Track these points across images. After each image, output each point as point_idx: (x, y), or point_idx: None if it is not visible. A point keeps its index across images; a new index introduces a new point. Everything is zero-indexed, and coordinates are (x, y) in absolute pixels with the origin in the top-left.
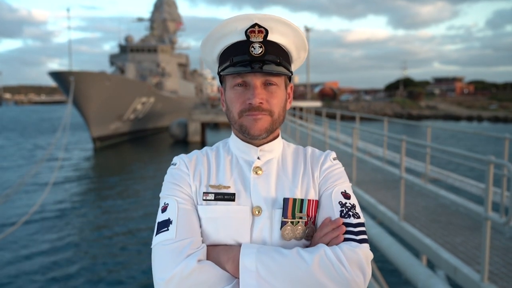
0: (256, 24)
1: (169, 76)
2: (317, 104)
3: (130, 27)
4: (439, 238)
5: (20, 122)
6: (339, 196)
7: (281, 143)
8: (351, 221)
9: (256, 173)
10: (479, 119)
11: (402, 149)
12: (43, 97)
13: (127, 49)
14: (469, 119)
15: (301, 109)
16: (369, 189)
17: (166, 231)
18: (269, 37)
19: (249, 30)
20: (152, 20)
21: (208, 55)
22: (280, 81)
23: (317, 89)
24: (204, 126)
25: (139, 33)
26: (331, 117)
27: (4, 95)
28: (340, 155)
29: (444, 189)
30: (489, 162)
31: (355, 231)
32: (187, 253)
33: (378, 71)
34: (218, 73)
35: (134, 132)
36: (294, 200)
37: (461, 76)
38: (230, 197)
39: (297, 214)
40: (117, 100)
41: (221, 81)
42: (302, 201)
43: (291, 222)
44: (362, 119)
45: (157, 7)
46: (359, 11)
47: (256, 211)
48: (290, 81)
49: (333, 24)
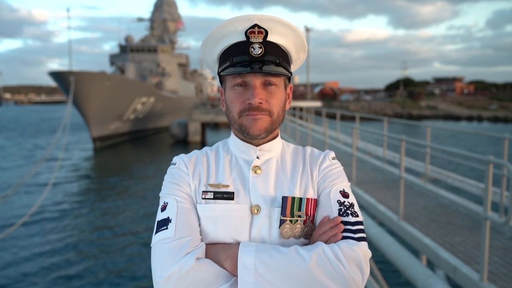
0: (256, 25)
1: (169, 76)
2: (317, 104)
3: (130, 27)
4: (438, 238)
5: (20, 122)
6: (337, 195)
7: (280, 142)
8: (349, 219)
9: (255, 172)
10: (479, 119)
11: (401, 149)
12: (43, 97)
13: (127, 49)
14: (469, 119)
15: (301, 109)
16: (369, 189)
17: (165, 229)
18: (269, 38)
19: (249, 31)
20: (152, 20)
21: (208, 55)
22: (279, 81)
23: (317, 89)
24: (204, 126)
25: (139, 33)
26: (331, 117)
27: (4, 95)
28: (340, 155)
29: (443, 189)
30: (488, 162)
31: (353, 229)
32: (185, 251)
33: (378, 71)
34: (218, 73)
35: (134, 132)
36: (293, 199)
37: (461, 76)
38: (229, 196)
39: (295, 213)
40: (117, 100)
41: (221, 81)
42: (300, 199)
43: (290, 221)
44: (362, 119)
45: (157, 7)
46: (359, 11)
47: (255, 210)
48: (289, 81)
49: (333, 24)
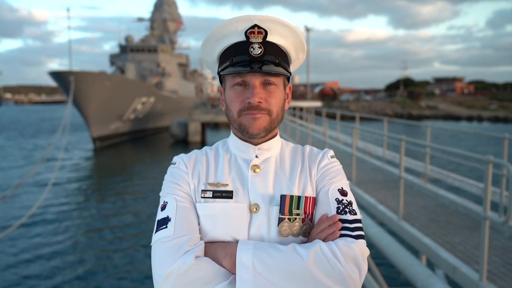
0: (255, 25)
1: (169, 76)
2: (317, 104)
3: (130, 27)
4: (438, 238)
5: (20, 122)
6: (336, 193)
7: (279, 141)
8: (347, 217)
9: (254, 171)
10: (479, 119)
11: (401, 149)
12: (43, 97)
13: (127, 49)
14: (469, 119)
15: (301, 109)
16: (369, 189)
17: (165, 228)
18: (268, 38)
19: (248, 31)
20: (152, 20)
21: (208, 55)
22: (278, 81)
23: (317, 89)
24: (204, 126)
25: (139, 33)
26: (331, 117)
27: (4, 95)
28: (340, 155)
29: (443, 189)
30: (487, 161)
31: (351, 227)
32: (185, 249)
33: (378, 71)
34: (218, 73)
35: (134, 132)
36: (291, 197)
37: (461, 76)
38: (228, 194)
39: (294, 211)
40: (117, 100)
41: (221, 81)
42: (299, 198)
43: (288, 219)
44: (362, 119)
45: (157, 7)
46: (359, 11)
47: (254, 208)
48: (288, 81)
49: (333, 24)
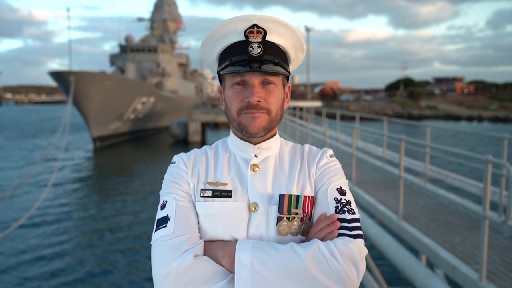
0: (255, 25)
1: (169, 76)
2: (317, 104)
3: (130, 27)
4: (438, 238)
5: (20, 122)
6: (334, 192)
7: (278, 141)
8: (345, 216)
9: (253, 170)
10: (479, 119)
11: (401, 149)
12: (43, 97)
13: (127, 49)
14: (469, 119)
15: (301, 109)
16: (369, 189)
17: (164, 227)
18: (268, 38)
19: (248, 31)
20: (152, 20)
21: (208, 55)
22: (278, 80)
23: (317, 89)
24: (204, 126)
25: (139, 33)
26: (331, 117)
27: (4, 95)
28: (340, 154)
29: (443, 188)
30: (487, 161)
31: (349, 226)
32: (184, 248)
33: (378, 71)
34: (218, 73)
35: (134, 132)
36: (290, 196)
37: (462, 76)
38: (227, 193)
39: (293, 210)
40: (117, 100)
41: (221, 81)
42: (298, 197)
43: (287, 218)
44: (362, 119)
45: (157, 7)
46: (359, 11)
47: (253, 208)
48: (288, 81)
49: (333, 24)
